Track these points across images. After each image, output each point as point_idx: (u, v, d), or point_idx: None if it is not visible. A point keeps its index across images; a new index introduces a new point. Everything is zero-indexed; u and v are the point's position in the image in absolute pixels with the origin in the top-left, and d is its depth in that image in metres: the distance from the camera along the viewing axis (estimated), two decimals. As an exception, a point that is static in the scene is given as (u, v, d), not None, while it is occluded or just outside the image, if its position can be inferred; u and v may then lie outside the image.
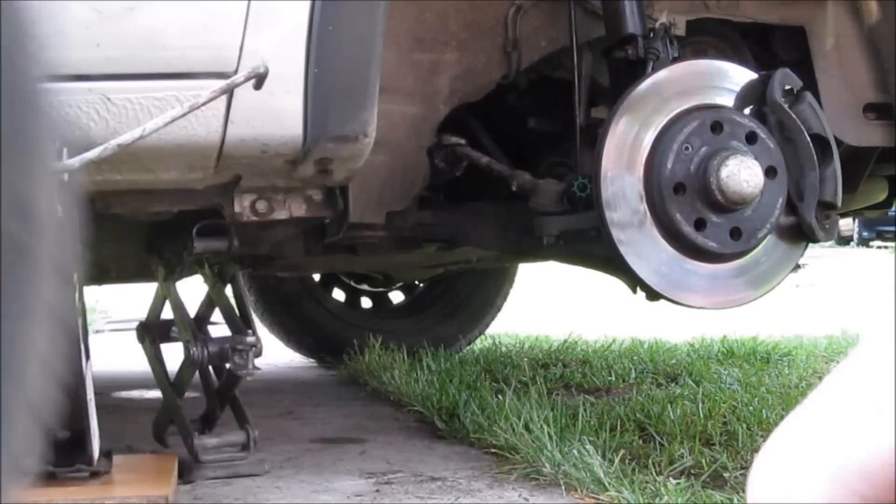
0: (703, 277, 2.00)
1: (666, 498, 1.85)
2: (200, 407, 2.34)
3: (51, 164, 0.76)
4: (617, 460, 2.04)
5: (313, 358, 4.11)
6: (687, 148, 1.94)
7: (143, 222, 2.21)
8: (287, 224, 2.12)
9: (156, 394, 2.62)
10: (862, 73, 2.35)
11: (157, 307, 2.36)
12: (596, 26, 2.17)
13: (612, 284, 2.26)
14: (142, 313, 2.41)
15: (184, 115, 1.60)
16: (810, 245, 2.14)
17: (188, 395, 2.35)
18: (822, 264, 11.37)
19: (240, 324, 2.18)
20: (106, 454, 2.02)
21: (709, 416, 2.56)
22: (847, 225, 19.33)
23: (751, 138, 1.96)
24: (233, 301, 2.26)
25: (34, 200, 0.70)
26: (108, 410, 2.82)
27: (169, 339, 2.36)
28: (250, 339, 2.11)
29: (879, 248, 19.80)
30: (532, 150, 2.45)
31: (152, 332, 2.37)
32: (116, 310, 6.45)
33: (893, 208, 2.92)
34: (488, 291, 4.15)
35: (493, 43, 2.17)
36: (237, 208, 1.95)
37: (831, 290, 8.54)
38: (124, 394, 3.36)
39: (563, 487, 2.02)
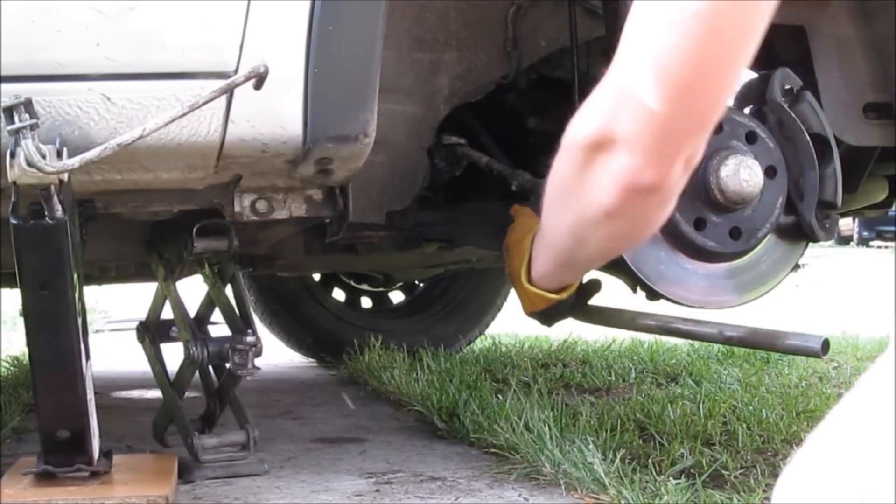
0: (702, 277, 2.00)
1: (666, 498, 1.85)
2: (200, 407, 2.34)
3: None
4: (617, 460, 2.04)
5: (313, 358, 4.11)
6: (687, 147, 1.93)
7: (143, 222, 2.21)
8: (287, 224, 2.12)
9: (156, 394, 2.62)
10: (862, 73, 2.34)
11: (157, 307, 2.36)
12: (596, 26, 2.17)
13: (611, 284, 2.26)
14: (142, 313, 2.41)
15: (184, 115, 1.60)
16: (810, 245, 2.14)
17: (188, 395, 2.35)
18: (823, 264, 11.37)
19: (240, 324, 2.18)
20: (106, 454, 2.02)
21: (709, 416, 2.56)
22: (847, 225, 19.33)
23: (750, 138, 1.96)
24: (233, 301, 2.26)
25: None
26: (108, 410, 2.82)
27: (169, 338, 2.36)
28: (250, 338, 2.11)
29: (879, 248, 19.80)
30: (532, 150, 2.45)
31: (152, 332, 2.36)
32: (116, 310, 6.45)
33: (893, 208, 2.92)
34: (488, 291, 4.15)
35: (493, 43, 2.17)
36: (237, 208, 1.95)
37: (831, 290, 8.54)
38: (124, 394, 3.36)
39: (563, 487, 2.02)
